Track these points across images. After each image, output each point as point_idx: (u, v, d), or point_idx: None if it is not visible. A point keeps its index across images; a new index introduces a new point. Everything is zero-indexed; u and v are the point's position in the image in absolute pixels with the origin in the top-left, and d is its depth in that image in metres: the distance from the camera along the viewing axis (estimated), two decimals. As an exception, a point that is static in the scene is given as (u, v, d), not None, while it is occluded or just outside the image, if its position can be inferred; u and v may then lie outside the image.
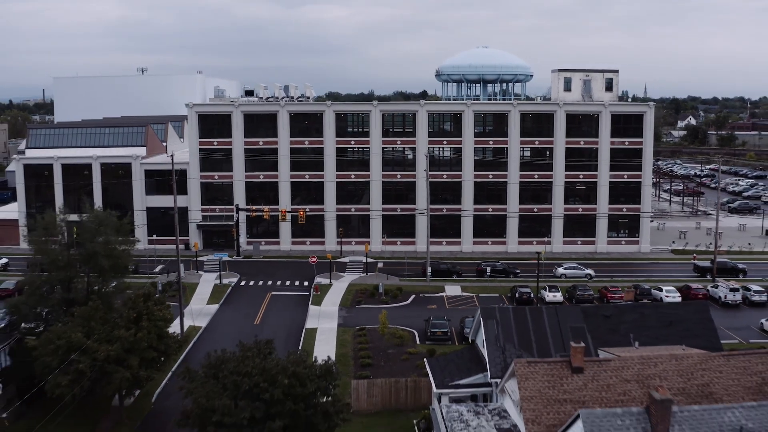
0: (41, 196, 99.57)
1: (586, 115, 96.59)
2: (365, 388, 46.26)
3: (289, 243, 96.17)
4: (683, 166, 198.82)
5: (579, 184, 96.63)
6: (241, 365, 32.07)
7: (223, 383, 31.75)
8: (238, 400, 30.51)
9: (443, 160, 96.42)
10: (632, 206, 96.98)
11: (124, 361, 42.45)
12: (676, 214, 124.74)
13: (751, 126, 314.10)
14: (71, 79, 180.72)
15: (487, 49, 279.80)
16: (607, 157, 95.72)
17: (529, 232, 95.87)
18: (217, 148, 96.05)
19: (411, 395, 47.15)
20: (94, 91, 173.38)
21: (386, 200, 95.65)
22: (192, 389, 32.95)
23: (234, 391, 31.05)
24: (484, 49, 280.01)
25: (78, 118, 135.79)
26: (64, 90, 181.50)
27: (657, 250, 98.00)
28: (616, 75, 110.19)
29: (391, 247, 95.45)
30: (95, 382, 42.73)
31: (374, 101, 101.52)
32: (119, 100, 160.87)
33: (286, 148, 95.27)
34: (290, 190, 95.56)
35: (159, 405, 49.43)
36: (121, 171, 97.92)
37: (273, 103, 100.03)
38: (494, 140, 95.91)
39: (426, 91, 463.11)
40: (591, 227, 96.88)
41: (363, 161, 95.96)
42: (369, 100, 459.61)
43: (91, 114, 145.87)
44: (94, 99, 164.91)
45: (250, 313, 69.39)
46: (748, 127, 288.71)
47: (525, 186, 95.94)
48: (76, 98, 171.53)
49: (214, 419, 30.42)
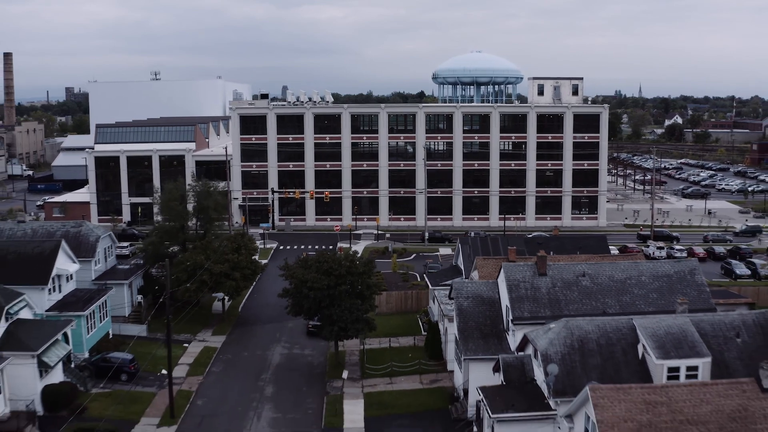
0: (109, 182, 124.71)
1: (553, 115, 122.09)
2: (384, 297, 71.33)
3: (314, 219, 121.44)
4: (657, 160, 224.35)
5: (548, 171, 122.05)
6: (320, 258, 57.43)
7: (310, 267, 57.00)
8: (320, 275, 55.76)
9: (438, 152, 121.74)
10: (591, 189, 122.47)
11: (230, 275, 67.50)
12: (635, 198, 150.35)
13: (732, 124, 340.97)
14: (105, 84, 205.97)
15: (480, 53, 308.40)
16: (570, 148, 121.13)
17: (507, 210, 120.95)
18: (255, 143, 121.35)
19: (415, 302, 72.56)
20: (125, 95, 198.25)
21: (392, 184, 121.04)
22: (292, 272, 58.18)
23: (317, 271, 56.20)
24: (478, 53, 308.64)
25: (112, 119, 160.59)
26: (98, 93, 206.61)
27: (612, 225, 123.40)
28: (581, 81, 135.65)
29: (395, 223, 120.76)
30: (211, 288, 67.86)
31: (382, 105, 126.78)
32: (149, 103, 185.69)
33: (311, 143, 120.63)
34: (314, 177, 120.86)
35: (243, 313, 74.61)
36: (175, 162, 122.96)
37: (300, 107, 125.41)
38: (479, 136, 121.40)
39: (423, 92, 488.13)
40: (558, 206, 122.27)
41: (373, 153, 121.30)
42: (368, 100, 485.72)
43: (124, 115, 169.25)
44: (125, 102, 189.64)
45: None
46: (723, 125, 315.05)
47: (504, 173, 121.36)
48: (110, 101, 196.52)
49: (307, 285, 55.59)
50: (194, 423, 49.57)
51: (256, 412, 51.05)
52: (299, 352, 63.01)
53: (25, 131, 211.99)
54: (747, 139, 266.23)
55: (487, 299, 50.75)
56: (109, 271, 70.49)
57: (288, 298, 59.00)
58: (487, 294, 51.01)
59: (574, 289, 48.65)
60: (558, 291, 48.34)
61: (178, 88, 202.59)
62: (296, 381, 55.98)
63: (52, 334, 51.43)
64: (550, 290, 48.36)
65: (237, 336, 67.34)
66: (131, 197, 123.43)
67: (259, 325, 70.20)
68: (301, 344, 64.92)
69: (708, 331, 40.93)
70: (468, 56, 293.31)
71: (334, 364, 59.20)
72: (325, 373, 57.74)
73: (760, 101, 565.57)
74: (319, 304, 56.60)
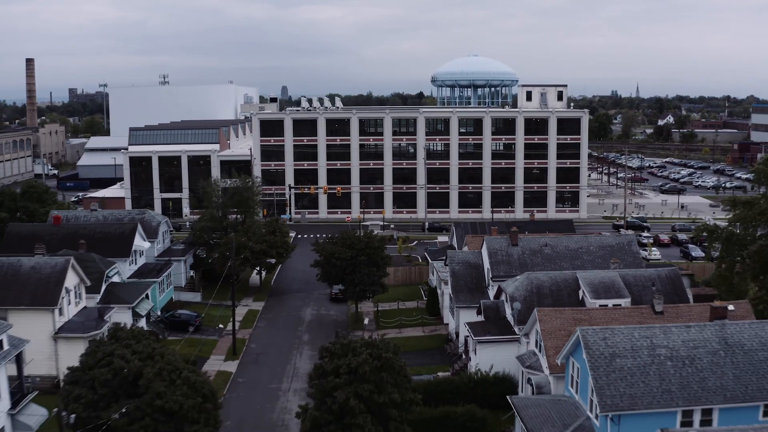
0: (141, 179, 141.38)
1: (539, 119, 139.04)
2: (393, 271, 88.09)
3: (326, 212, 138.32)
4: (644, 159, 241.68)
5: (534, 169, 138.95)
6: (344, 235, 74.39)
7: (336, 243, 73.89)
8: (344, 248, 72.65)
9: (436, 152, 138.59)
10: (573, 185, 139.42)
11: (268, 252, 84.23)
12: (616, 193, 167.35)
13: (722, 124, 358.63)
14: (124, 89, 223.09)
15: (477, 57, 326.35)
16: (554, 149, 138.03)
17: (498, 203, 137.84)
18: (273, 144, 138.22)
19: (417, 276, 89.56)
20: (143, 99, 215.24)
21: (395, 181, 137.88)
22: (322, 247, 75.04)
23: (342, 245, 73.06)
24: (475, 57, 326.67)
25: (131, 123, 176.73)
26: (117, 97, 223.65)
27: (593, 216, 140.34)
28: (565, 88, 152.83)
29: (399, 215, 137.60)
30: (253, 264, 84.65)
31: (386, 110, 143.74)
32: (166, 107, 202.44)
33: (323, 144, 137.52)
34: (326, 175, 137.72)
35: (275, 285, 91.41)
36: (201, 161, 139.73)
37: (313, 112, 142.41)
38: (473, 137, 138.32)
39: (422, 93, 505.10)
40: (543, 200, 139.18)
41: (378, 153, 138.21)
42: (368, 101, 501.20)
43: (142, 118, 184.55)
44: (143, 106, 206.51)
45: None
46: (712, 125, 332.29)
47: (495, 171, 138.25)
48: (128, 104, 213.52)
49: (335, 257, 72.47)
50: (251, 358, 66.43)
51: (297, 351, 68.00)
52: (325, 313, 79.98)
53: (48, 133, 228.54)
54: (732, 139, 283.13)
55: (473, 264, 67.70)
56: (168, 251, 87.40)
57: (318, 268, 75.99)
58: (473, 260, 67.96)
59: (538, 255, 65.58)
60: (526, 257, 65.27)
61: (192, 92, 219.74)
62: (326, 331, 72.77)
63: (140, 292, 68.30)
64: (520, 256, 65.29)
65: (273, 302, 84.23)
66: (162, 193, 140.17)
67: (290, 294, 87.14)
68: (327, 307, 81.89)
69: (631, 281, 57.75)
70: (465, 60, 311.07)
71: (354, 320, 76.17)
72: (348, 326, 74.64)
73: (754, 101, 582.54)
74: (343, 271, 73.54)
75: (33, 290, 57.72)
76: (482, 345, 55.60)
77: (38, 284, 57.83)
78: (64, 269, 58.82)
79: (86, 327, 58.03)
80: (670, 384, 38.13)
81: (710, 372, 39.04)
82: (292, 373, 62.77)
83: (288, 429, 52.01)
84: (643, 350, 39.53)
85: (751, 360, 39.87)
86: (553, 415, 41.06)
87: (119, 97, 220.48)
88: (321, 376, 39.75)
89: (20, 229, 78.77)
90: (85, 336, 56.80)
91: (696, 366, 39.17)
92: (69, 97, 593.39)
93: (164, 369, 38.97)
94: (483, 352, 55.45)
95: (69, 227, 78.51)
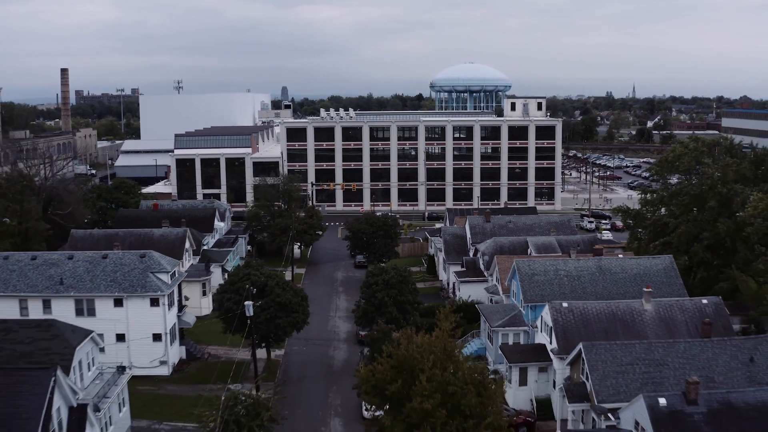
0: (185, 178, 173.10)
1: (521, 126, 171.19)
2: (401, 247, 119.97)
3: (342, 205, 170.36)
4: (624, 159, 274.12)
5: (516, 168, 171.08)
6: (367, 216, 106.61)
7: (361, 222, 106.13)
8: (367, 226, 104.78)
9: (434, 154, 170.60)
10: (549, 181, 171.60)
11: (307, 232, 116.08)
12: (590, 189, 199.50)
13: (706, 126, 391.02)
14: (154, 97, 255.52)
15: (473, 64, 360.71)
16: (533, 151, 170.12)
17: (486, 197, 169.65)
18: (298, 148, 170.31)
19: (420, 249, 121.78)
20: (170, 106, 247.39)
21: (400, 179, 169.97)
22: (350, 225, 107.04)
23: (365, 223, 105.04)
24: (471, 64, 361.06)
25: (159, 127, 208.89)
26: (147, 104, 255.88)
27: (566, 208, 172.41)
28: (544, 100, 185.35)
29: (403, 207, 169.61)
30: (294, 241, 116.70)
31: (392, 119, 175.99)
32: (191, 113, 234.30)
33: (340, 148, 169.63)
34: (342, 173, 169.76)
35: (311, 257, 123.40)
36: (236, 162, 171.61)
37: (331, 122, 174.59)
38: (465, 142, 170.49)
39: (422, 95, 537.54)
40: (524, 194, 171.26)
41: (386, 155, 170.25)
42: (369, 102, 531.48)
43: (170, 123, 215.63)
44: (170, 112, 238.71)
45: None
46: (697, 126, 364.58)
47: (483, 170, 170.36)
48: (157, 111, 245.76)
49: (361, 232, 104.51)
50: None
51: (336, 296, 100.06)
52: (352, 275, 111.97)
53: (83, 136, 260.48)
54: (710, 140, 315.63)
55: (459, 235, 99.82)
56: (231, 231, 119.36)
57: (348, 241, 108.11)
58: (459, 233, 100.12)
59: (504, 229, 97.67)
60: (495, 229, 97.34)
61: (215, 99, 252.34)
62: (354, 286, 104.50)
63: (225, 256, 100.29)
64: (491, 229, 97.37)
65: (312, 269, 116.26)
66: (203, 189, 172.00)
67: (323, 263, 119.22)
68: (352, 272, 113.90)
69: (563, 243, 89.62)
70: (462, 67, 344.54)
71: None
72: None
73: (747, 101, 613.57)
74: (366, 242, 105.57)
75: (164, 250, 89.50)
76: (464, 284, 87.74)
77: (168, 245, 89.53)
78: (184, 236, 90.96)
79: (200, 274, 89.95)
80: (564, 289, 70.07)
81: (589, 284, 71.02)
82: (335, 308, 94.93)
83: (338, 334, 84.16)
84: (551, 272, 71.60)
85: (614, 278, 71.85)
86: (500, 310, 73.12)
87: (149, 104, 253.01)
88: (368, 286, 71.87)
89: (127, 213, 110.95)
90: (200, 280, 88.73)
91: (580, 280, 71.16)
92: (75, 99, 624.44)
93: (279, 282, 70.91)
94: (464, 288, 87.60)
95: (164, 211, 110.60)
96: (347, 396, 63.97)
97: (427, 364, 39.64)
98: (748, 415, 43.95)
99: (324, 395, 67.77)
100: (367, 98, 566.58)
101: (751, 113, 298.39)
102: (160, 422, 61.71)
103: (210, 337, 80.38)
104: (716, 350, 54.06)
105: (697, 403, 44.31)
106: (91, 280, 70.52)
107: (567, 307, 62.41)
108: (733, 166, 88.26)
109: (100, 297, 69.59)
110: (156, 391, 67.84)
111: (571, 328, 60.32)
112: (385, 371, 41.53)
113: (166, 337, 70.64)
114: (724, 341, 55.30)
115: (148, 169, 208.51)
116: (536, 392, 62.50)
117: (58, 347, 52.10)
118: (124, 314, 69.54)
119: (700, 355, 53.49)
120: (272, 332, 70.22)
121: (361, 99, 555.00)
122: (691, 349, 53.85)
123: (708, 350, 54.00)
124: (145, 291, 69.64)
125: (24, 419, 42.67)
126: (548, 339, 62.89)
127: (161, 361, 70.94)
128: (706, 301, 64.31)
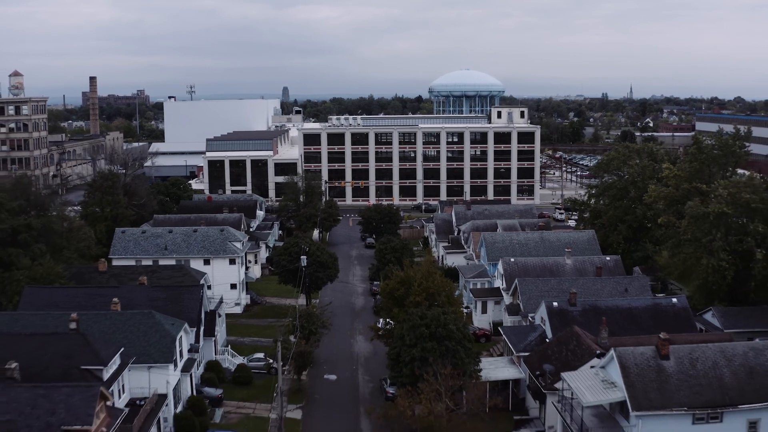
0: (215, 177, 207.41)
1: (505, 132, 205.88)
2: (402, 232, 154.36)
3: (351, 200, 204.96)
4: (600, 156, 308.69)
5: (501, 169, 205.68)
6: (376, 206, 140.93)
7: (372, 211, 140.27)
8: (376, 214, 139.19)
9: (430, 156, 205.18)
10: (530, 180, 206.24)
11: (327, 219, 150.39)
12: (568, 186, 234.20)
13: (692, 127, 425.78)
14: (177, 103, 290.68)
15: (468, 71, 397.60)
16: (516, 154, 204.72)
17: (475, 194, 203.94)
18: (313, 151, 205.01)
19: (417, 234, 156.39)
20: (190, 111, 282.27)
21: (401, 177, 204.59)
22: (363, 213, 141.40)
23: (375, 212, 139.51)
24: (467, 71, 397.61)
25: (182, 131, 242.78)
26: (171, 110, 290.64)
27: (544, 203, 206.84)
28: (526, 109, 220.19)
29: (403, 202, 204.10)
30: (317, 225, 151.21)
31: (394, 126, 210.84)
32: (210, 117, 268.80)
33: (349, 151, 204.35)
34: (351, 173, 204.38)
35: (330, 240, 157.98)
36: (260, 163, 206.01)
37: (341, 128, 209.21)
38: (457, 146, 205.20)
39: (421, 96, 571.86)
40: (508, 191, 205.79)
41: (388, 157, 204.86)
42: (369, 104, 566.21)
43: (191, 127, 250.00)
44: (191, 117, 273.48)
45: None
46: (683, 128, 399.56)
47: (473, 170, 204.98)
48: (179, 116, 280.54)
49: (371, 218, 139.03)
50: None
51: (353, 266, 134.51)
52: (364, 253, 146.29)
53: (111, 139, 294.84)
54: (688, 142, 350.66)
55: (447, 220, 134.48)
56: (266, 218, 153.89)
57: (361, 227, 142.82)
58: (447, 218, 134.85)
59: (481, 215, 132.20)
60: (474, 215, 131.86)
61: (232, 105, 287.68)
62: (366, 260, 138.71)
63: (266, 236, 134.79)
64: (471, 215, 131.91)
65: (330, 248, 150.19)
66: (231, 186, 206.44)
67: (339, 244, 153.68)
68: (364, 251, 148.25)
69: (525, 224, 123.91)
70: (458, 73, 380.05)
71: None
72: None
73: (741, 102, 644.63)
74: (375, 227, 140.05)
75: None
76: (449, 254, 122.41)
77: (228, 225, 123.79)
78: (240, 219, 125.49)
79: (253, 247, 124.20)
80: (515, 252, 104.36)
81: (533, 248, 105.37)
82: (353, 274, 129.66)
83: (356, 290, 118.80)
84: (506, 240, 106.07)
85: (551, 245, 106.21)
86: (472, 268, 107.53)
87: (173, 109, 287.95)
88: (379, 250, 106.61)
89: (188, 203, 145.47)
90: (253, 251, 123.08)
91: (527, 246, 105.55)
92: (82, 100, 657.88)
93: (318, 247, 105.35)
94: (449, 257, 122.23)
95: (216, 203, 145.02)
96: (365, 325, 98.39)
97: (418, 278, 74.10)
98: (605, 312, 78.10)
99: (351, 323, 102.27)
100: (368, 100, 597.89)
101: (722, 117, 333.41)
102: (243, 337, 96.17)
103: (264, 291, 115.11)
104: (603, 284, 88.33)
105: (576, 305, 78.61)
106: (187, 246, 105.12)
107: (513, 261, 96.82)
108: (649, 167, 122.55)
109: (194, 258, 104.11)
110: (235, 322, 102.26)
111: (514, 274, 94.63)
112: (394, 284, 76.13)
113: (239, 285, 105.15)
114: (609, 279, 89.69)
115: (177, 169, 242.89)
116: (493, 318, 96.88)
117: (190, 280, 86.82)
118: (210, 270, 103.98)
119: (593, 287, 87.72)
120: (313, 282, 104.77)
121: (363, 100, 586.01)
122: (587, 283, 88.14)
123: (598, 284, 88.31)
124: (225, 254, 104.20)
125: (188, 313, 77.34)
126: (501, 283, 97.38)
127: (236, 303, 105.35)
128: (608, 258, 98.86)
